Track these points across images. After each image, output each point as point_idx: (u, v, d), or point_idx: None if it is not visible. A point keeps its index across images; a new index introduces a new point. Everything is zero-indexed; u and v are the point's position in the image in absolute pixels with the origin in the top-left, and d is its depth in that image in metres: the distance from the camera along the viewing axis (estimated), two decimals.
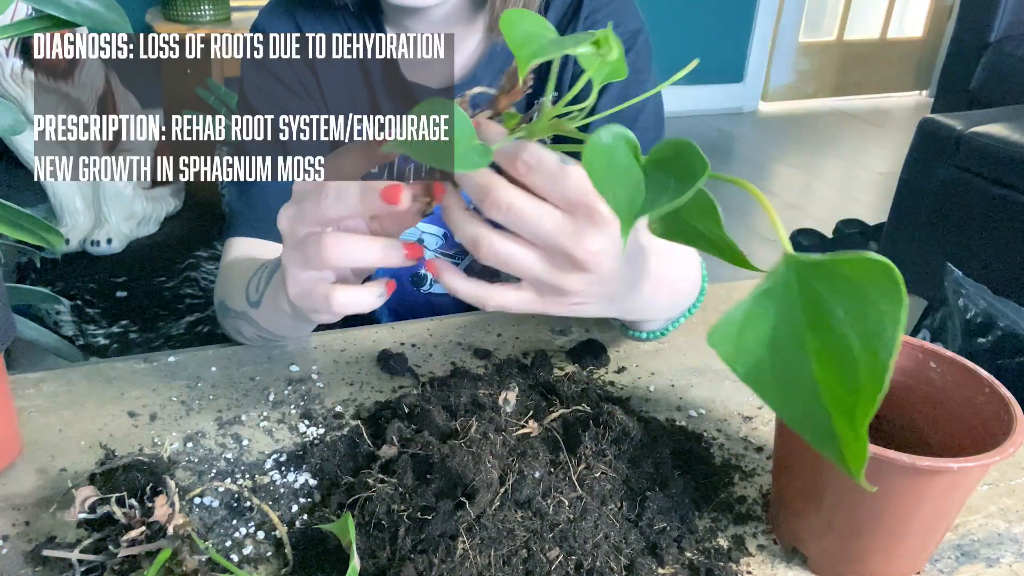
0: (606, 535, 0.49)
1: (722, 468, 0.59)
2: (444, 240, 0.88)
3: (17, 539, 0.51)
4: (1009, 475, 0.60)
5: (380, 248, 0.49)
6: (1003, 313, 1.17)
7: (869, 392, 0.29)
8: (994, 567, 0.52)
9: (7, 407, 0.57)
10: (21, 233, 0.63)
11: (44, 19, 0.58)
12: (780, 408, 0.31)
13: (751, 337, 0.31)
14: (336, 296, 0.50)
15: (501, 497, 0.50)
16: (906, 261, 2.06)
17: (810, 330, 0.30)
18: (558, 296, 0.50)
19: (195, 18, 2.58)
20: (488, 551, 0.46)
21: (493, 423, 0.56)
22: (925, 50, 4.48)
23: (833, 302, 0.30)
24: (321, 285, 0.51)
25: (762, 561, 0.51)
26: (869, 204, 3.05)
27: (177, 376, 0.67)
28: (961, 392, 0.51)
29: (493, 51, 0.80)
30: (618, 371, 0.71)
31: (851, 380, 0.29)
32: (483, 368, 0.70)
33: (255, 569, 0.49)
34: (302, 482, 0.55)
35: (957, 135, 1.92)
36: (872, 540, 0.47)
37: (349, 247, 0.48)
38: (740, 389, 0.69)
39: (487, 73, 0.79)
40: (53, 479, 0.56)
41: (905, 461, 0.42)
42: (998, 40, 2.80)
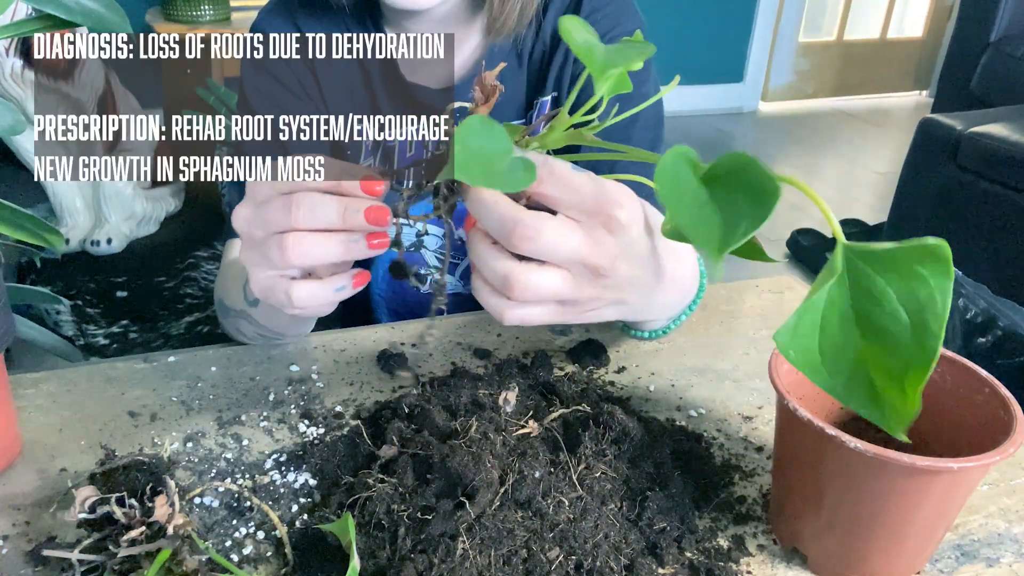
0: (606, 535, 0.49)
1: (722, 468, 0.59)
2: (443, 239, 0.88)
3: (17, 539, 0.51)
4: (1009, 475, 0.60)
5: (341, 243, 0.48)
6: (1003, 313, 1.17)
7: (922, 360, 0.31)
8: (994, 567, 0.52)
9: (7, 407, 0.57)
10: (21, 233, 0.63)
11: (44, 19, 0.58)
12: (828, 384, 0.33)
13: (805, 322, 0.33)
14: (294, 292, 0.50)
15: (501, 497, 0.50)
16: None
17: (857, 311, 0.33)
18: (576, 306, 0.49)
19: (195, 18, 2.58)
20: (488, 551, 0.46)
21: (493, 423, 0.56)
22: (925, 50, 4.48)
23: (882, 283, 0.32)
24: (281, 282, 0.51)
25: (762, 561, 0.51)
26: (869, 204, 3.05)
27: (177, 376, 0.67)
28: (961, 392, 0.51)
29: (491, 52, 0.80)
30: (618, 371, 0.71)
31: (899, 352, 0.32)
32: (483, 368, 0.70)
33: (255, 569, 0.49)
34: (302, 482, 0.55)
35: (957, 135, 1.92)
36: (872, 540, 0.47)
37: (310, 247, 0.48)
38: (740, 389, 0.69)
39: None
40: (53, 479, 0.56)
41: (905, 461, 0.42)
42: (998, 40, 2.80)
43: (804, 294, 0.87)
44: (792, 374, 0.52)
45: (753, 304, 0.84)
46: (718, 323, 0.80)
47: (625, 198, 0.46)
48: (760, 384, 0.70)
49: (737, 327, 0.79)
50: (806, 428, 0.45)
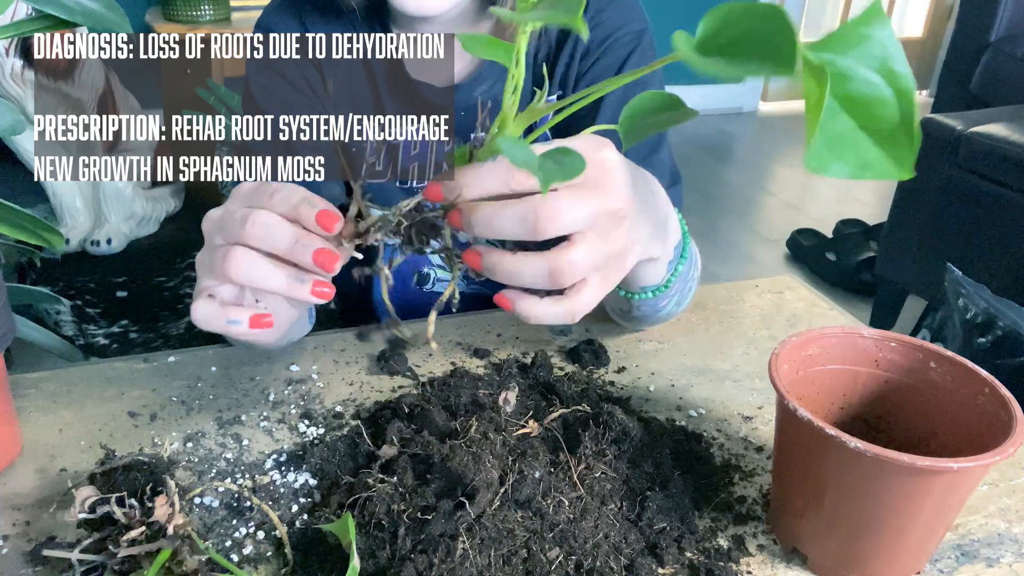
0: (606, 535, 0.49)
1: (722, 468, 0.59)
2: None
3: (17, 539, 0.51)
4: (1009, 475, 0.60)
5: (284, 278, 0.47)
6: (1003, 313, 1.17)
7: (906, 97, 0.34)
8: (994, 567, 0.52)
9: (7, 407, 0.57)
10: (21, 233, 0.63)
11: (44, 19, 0.58)
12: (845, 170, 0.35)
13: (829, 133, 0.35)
14: (197, 306, 0.49)
15: (501, 497, 0.50)
16: (906, 261, 2.06)
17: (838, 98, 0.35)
18: (613, 262, 0.49)
19: (195, 18, 2.58)
20: (488, 551, 0.46)
21: (493, 423, 0.56)
22: (925, 50, 4.48)
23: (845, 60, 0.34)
24: (203, 293, 0.49)
25: (762, 561, 0.51)
26: (869, 204, 3.04)
27: (177, 376, 0.67)
28: (961, 392, 0.51)
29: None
30: (618, 371, 0.71)
31: (887, 105, 0.34)
32: (483, 368, 0.70)
33: (255, 569, 0.49)
34: (302, 482, 0.55)
35: (957, 135, 1.91)
36: (872, 540, 0.47)
37: (250, 265, 0.46)
38: (740, 389, 0.69)
39: (492, 72, 0.79)
40: (53, 479, 0.56)
41: (905, 461, 0.42)
42: (998, 40, 2.80)
43: (804, 294, 0.87)
44: (792, 374, 0.52)
45: (753, 304, 0.84)
46: (718, 323, 0.80)
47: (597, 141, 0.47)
48: (760, 384, 0.70)
49: (737, 327, 0.79)
50: (806, 428, 0.45)
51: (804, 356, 0.53)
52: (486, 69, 0.80)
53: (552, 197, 0.45)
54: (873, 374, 0.55)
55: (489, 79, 0.80)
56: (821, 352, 0.54)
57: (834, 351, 0.54)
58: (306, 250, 0.45)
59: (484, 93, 0.80)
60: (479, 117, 0.47)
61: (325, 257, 0.45)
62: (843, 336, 0.54)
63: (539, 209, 0.44)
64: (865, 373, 0.55)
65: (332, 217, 0.45)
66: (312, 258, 0.45)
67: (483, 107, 0.47)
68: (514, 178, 0.45)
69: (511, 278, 0.47)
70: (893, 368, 0.54)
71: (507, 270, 0.47)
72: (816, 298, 0.86)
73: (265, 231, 0.46)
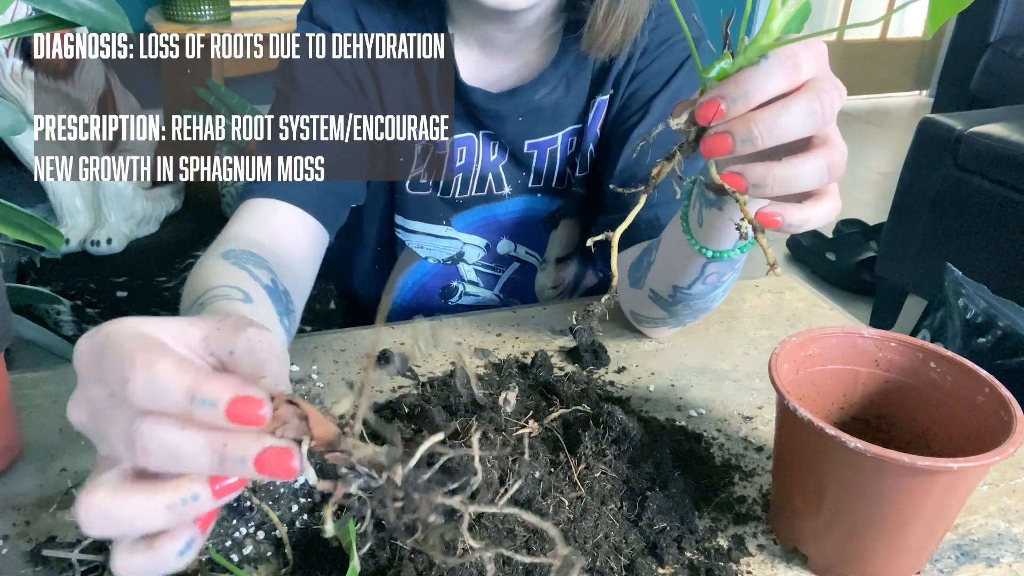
0: (606, 535, 0.49)
1: (722, 468, 0.59)
2: (486, 252, 0.87)
3: (17, 539, 0.51)
4: (1009, 475, 0.60)
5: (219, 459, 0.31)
6: (1003, 313, 1.17)
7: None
8: (994, 567, 0.52)
9: (7, 407, 0.57)
10: (21, 233, 0.63)
11: (44, 19, 0.58)
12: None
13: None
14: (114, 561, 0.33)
15: (501, 497, 0.50)
16: (906, 261, 2.06)
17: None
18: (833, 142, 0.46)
19: (195, 18, 2.58)
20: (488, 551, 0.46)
21: (493, 423, 0.56)
22: (925, 50, 4.48)
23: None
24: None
25: (762, 561, 0.51)
26: (869, 204, 3.04)
27: None
28: (961, 392, 0.51)
29: (563, 53, 0.77)
30: (618, 371, 0.71)
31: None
32: (483, 368, 0.70)
33: (255, 569, 0.49)
34: (302, 482, 0.55)
35: (957, 135, 1.91)
36: (872, 540, 0.47)
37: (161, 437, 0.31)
38: (740, 389, 0.69)
39: (553, 76, 0.77)
40: (53, 479, 0.56)
41: (905, 461, 0.42)
42: (998, 40, 2.80)
43: (804, 294, 0.87)
44: (792, 374, 0.52)
45: (753, 304, 0.84)
46: (718, 323, 0.80)
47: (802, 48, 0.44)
48: (760, 384, 0.70)
49: (737, 327, 0.79)
50: (806, 428, 0.45)
51: (804, 356, 0.53)
52: (548, 73, 0.78)
53: (818, 83, 0.43)
54: (873, 374, 0.55)
55: (551, 82, 0.77)
56: (821, 352, 0.54)
57: (834, 351, 0.55)
58: (242, 464, 0.31)
59: (544, 97, 0.78)
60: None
61: (277, 460, 0.32)
62: (843, 336, 0.54)
63: (821, 96, 0.43)
64: (865, 373, 0.55)
65: (253, 404, 0.31)
66: (257, 468, 0.32)
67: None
68: (795, 67, 0.43)
69: (786, 184, 0.44)
70: (893, 368, 0.54)
71: (782, 176, 0.44)
72: (816, 298, 0.86)
73: (166, 454, 0.31)
